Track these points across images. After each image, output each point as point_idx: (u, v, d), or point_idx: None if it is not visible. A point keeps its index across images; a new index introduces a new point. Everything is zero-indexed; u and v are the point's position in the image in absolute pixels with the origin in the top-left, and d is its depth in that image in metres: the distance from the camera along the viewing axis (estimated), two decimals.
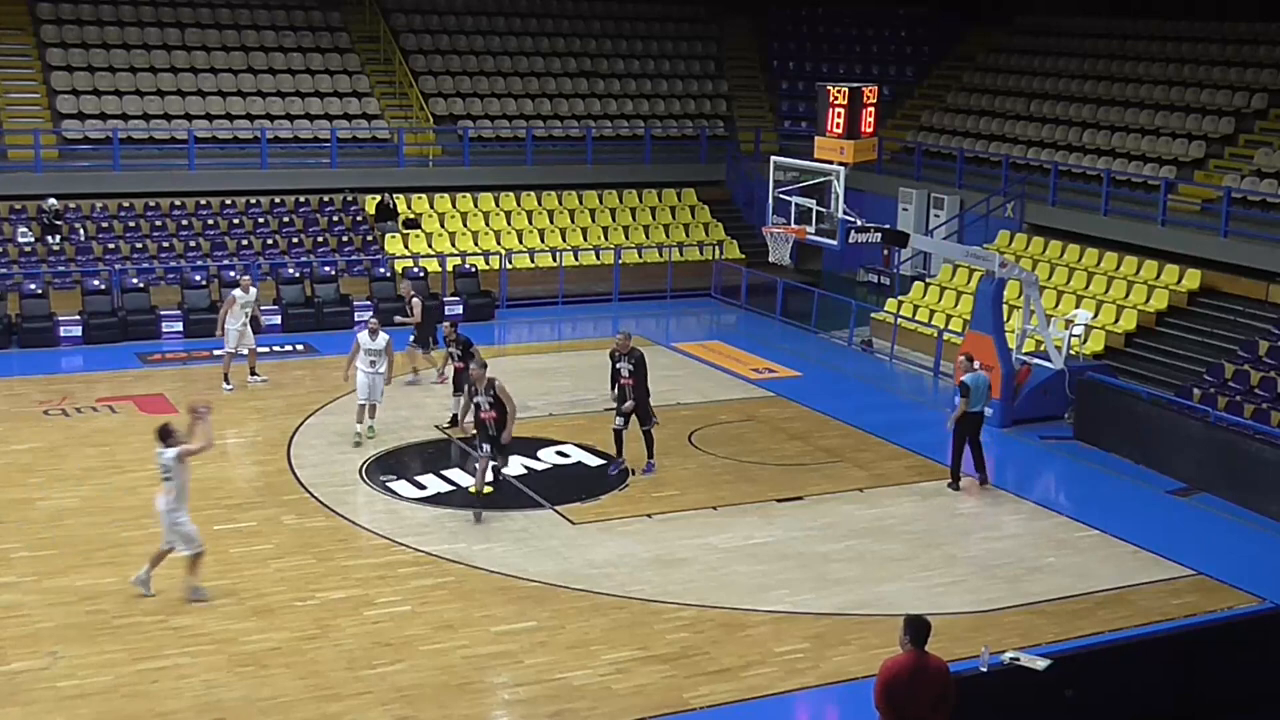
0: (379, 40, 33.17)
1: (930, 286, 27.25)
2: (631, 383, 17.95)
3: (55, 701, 11.88)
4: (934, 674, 9.62)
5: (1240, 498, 17.83)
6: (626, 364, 17.99)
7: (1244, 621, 13.69)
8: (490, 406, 16.49)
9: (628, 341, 18.09)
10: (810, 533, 16.38)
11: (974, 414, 18.13)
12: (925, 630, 9.61)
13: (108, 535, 15.52)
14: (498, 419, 16.48)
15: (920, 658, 9.58)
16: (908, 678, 9.51)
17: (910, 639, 9.58)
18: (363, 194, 29.67)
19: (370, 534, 15.91)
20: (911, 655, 9.58)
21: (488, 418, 16.47)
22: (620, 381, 18.07)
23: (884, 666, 9.62)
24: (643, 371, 18.02)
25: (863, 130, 20.29)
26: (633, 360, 17.96)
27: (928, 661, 9.62)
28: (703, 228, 31.82)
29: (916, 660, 9.57)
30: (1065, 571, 15.51)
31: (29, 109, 29.10)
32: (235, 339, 21.58)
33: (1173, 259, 24.52)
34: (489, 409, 16.49)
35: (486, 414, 16.48)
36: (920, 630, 9.59)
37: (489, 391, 16.50)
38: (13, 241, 26.22)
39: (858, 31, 37.25)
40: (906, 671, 9.53)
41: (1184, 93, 28.74)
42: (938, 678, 9.63)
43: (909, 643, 9.59)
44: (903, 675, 9.52)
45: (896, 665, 9.57)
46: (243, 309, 21.59)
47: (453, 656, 12.92)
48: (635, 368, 17.95)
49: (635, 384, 17.97)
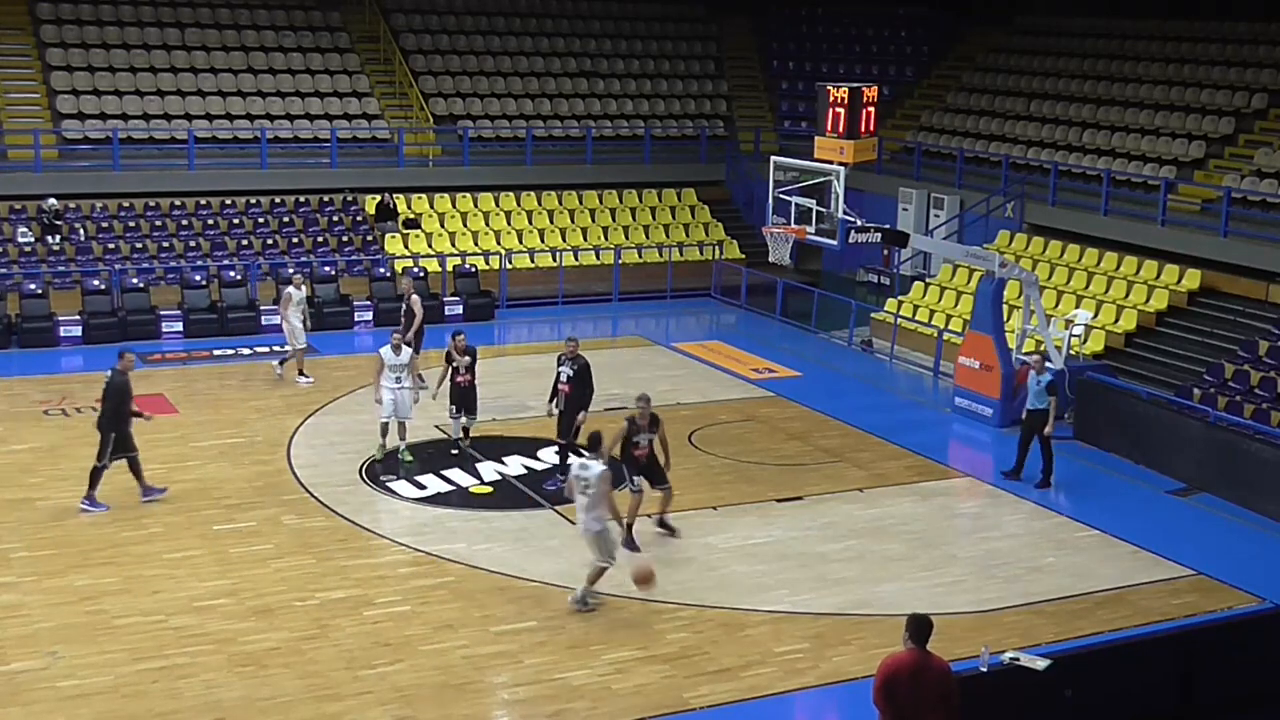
0: (379, 40, 33.17)
1: (930, 286, 27.26)
2: (569, 390, 17.22)
3: (55, 701, 11.88)
4: (936, 674, 9.57)
5: (1240, 498, 17.83)
6: (568, 369, 17.27)
7: (1244, 621, 13.69)
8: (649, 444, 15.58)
9: (575, 347, 17.44)
10: (810, 533, 16.38)
11: (1042, 411, 18.07)
12: (928, 629, 9.57)
13: (108, 535, 15.51)
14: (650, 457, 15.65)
15: (922, 657, 9.54)
16: (908, 676, 9.47)
17: (912, 637, 9.54)
18: (363, 194, 29.67)
19: (370, 534, 15.91)
20: (913, 654, 9.54)
21: (642, 454, 15.52)
22: (559, 386, 17.34)
23: (884, 664, 9.58)
24: (583, 380, 17.25)
25: (863, 130, 20.31)
26: (575, 366, 17.25)
27: (930, 661, 9.57)
28: (703, 228, 31.82)
29: (918, 659, 9.53)
30: (1065, 571, 15.51)
31: (29, 109, 29.10)
32: (302, 336, 21.90)
33: (1173, 259, 24.53)
34: (647, 446, 15.56)
35: (643, 451, 15.52)
36: (922, 629, 9.55)
37: (652, 429, 15.53)
38: (13, 241, 26.22)
39: (857, 31, 37.26)
40: (907, 670, 9.49)
41: (1184, 93, 28.75)
42: (939, 678, 9.58)
43: (910, 641, 9.55)
44: (903, 673, 9.48)
45: (897, 663, 9.53)
46: (298, 306, 21.82)
47: (452, 656, 12.92)
48: (577, 375, 17.22)
49: (572, 392, 17.21)
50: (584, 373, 17.25)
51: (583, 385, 17.24)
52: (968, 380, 21.49)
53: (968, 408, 21.43)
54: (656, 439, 15.64)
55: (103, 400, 16.42)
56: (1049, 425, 18.12)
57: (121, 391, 16.35)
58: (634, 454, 15.51)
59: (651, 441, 15.64)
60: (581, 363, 17.26)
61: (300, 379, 21.87)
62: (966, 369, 21.50)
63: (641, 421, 15.49)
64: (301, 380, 21.83)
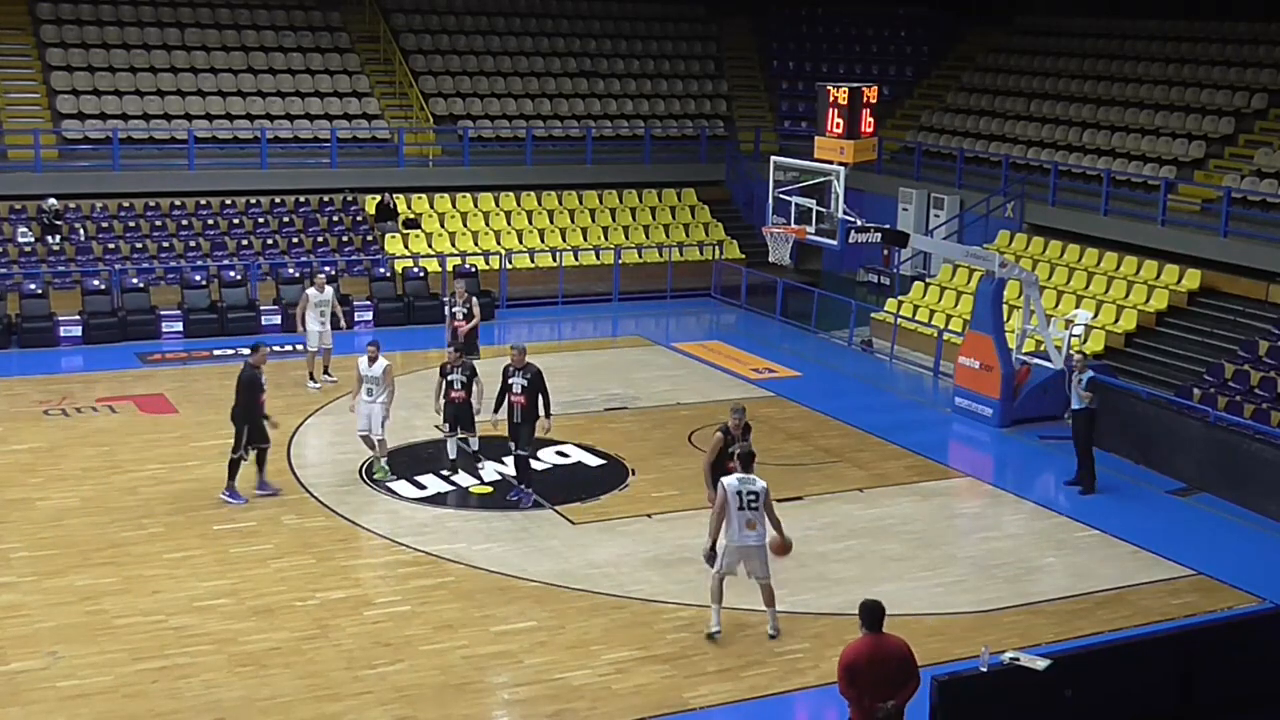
0: (379, 40, 33.17)
1: (930, 286, 27.26)
2: (524, 401, 16.59)
3: (55, 701, 11.88)
4: (893, 653, 9.89)
5: (1240, 498, 17.83)
6: (520, 379, 16.62)
7: (1244, 621, 13.68)
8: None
9: (523, 356, 16.82)
10: (810, 532, 16.36)
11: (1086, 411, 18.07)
12: (879, 613, 9.89)
13: (108, 535, 15.52)
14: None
15: (878, 640, 9.86)
16: (865, 662, 9.77)
17: (865, 624, 9.88)
18: (363, 194, 29.67)
19: (370, 534, 15.91)
20: (869, 639, 9.85)
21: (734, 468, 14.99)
22: (511, 398, 16.65)
23: (843, 653, 9.90)
24: (538, 389, 16.67)
25: (863, 130, 20.31)
26: (528, 375, 16.62)
27: (886, 642, 9.90)
28: (703, 228, 31.82)
29: (874, 643, 9.84)
30: (1065, 571, 15.52)
31: (29, 109, 29.10)
32: (316, 339, 21.73)
33: (1173, 259, 24.52)
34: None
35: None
36: (874, 613, 9.88)
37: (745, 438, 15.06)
38: (13, 241, 26.23)
39: (857, 31, 37.25)
40: (865, 656, 9.79)
41: (1184, 93, 28.75)
42: (897, 656, 9.90)
43: (864, 628, 9.89)
44: (860, 660, 9.78)
45: (854, 650, 9.84)
46: (317, 307, 21.65)
47: (452, 656, 12.92)
48: (530, 384, 16.60)
49: (527, 404, 16.60)
50: (537, 381, 16.64)
51: (536, 394, 16.66)
52: (968, 380, 21.49)
53: (968, 408, 21.43)
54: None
55: (235, 393, 16.70)
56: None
57: (252, 384, 16.61)
58: (728, 466, 14.61)
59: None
60: (533, 371, 16.65)
61: (310, 383, 21.79)
62: (966, 369, 21.50)
63: (736, 432, 14.98)
64: (311, 385, 21.74)
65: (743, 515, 13.11)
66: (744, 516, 13.12)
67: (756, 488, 13.17)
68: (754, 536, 13.15)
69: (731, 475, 13.31)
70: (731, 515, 13.11)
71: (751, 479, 13.24)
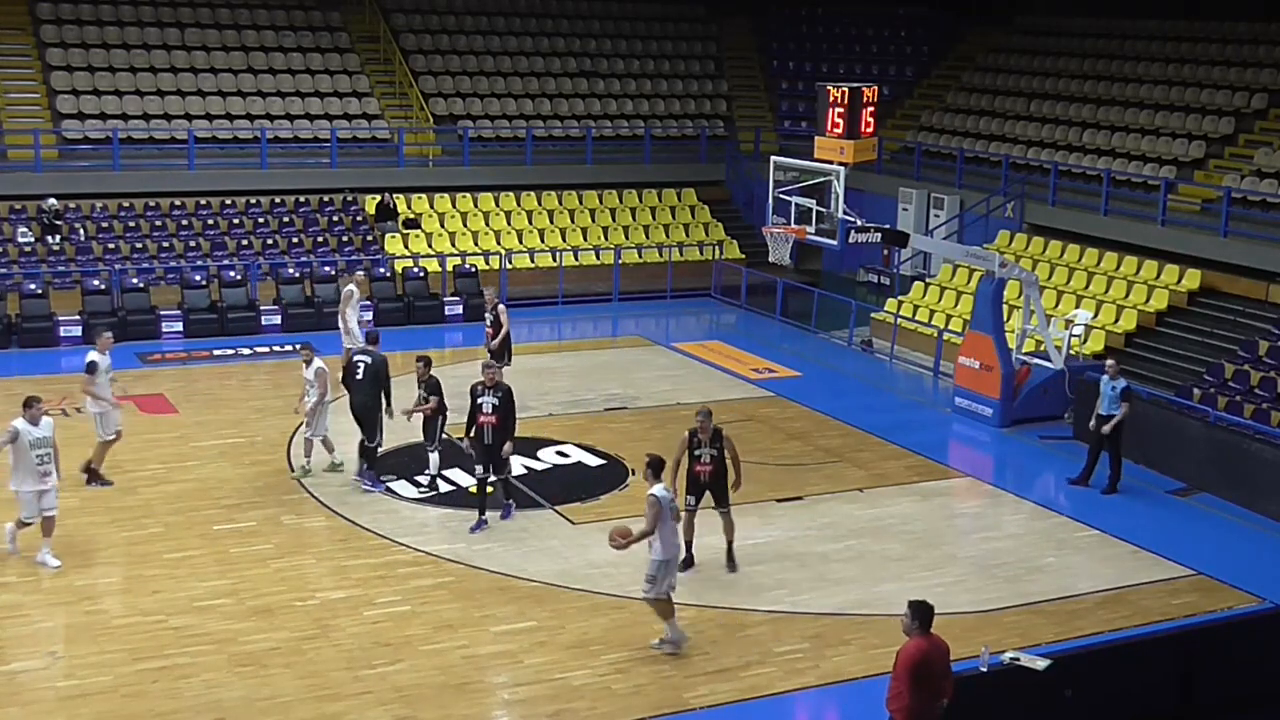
0: (379, 40, 33.17)
1: (930, 286, 27.26)
2: (496, 421, 15.87)
3: (55, 701, 11.89)
4: (942, 653, 10.13)
5: (1240, 498, 17.83)
6: (491, 399, 15.90)
7: (1244, 621, 13.69)
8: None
9: (494, 374, 16.24)
10: (810, 532, 16.38)
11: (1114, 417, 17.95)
12: (930, 613, 10.08)
13: (108, 535, 15.51)
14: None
15: (930, 639, 10.04)
16: (924, 659, 9.93)
17: (919, 624, 10.01)
18: (363, 194, 29.66)
19: (370, 534, 15.91)
20: (923, 639, 10.01)
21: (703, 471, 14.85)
22: (481, 418, 15.90)
23: (905, 652, 9.97)
24: (507, 409, 16.01)
25: (863, 130, 20.31)
26: (499, 395, 15.93)
27: (936, 642, 10.10)
28: (703, 228, 31.82)
29: (928, 643, 10.02)
30: (1065, 571, 15.52)
31: (29, 109, 29.09)
32: (358, 334, 21.52)
33: (1173, 259, 24.53)
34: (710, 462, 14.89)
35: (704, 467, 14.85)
36: (927, 614, 10.06)
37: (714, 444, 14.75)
38: (13, 241, 26.22)
39: (857, 31, 37.26)
40: (923, 654, 9.94)
41: (1184, 93, 28.75)
42: (945, 656, 10.14)
43: (918, 628, 10.02)
44: (922, 658, 9.92)
45: (917, 649, 9.97)
46: (357, 304, 21.76)
47: (452, 656, 12.92)
48: (501, 404, 15.91)
49: (499, 423, 15.89)
50: (507, 400, 16.00)
51: (507, 414, 16.01)
52: (968, 380, 21.48)
53: (968, 408, 21.43)
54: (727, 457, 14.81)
55: (360, 383, 17.03)
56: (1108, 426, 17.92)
57: (378, 374, 17.11)
58: (694, 470, 14.77)
59: (715, 458, 14.74)
60: (504, 390, 16.03)
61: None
62: (966, 369, 21.49)
63: (703, 435, 14.71)
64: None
65: (676, 525, 13.21)
66: (676, 526, 13.24)
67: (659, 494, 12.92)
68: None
69: (658, 487, 12.96)
70: (667, 527, 12.92)
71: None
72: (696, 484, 14.84)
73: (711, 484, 14.86)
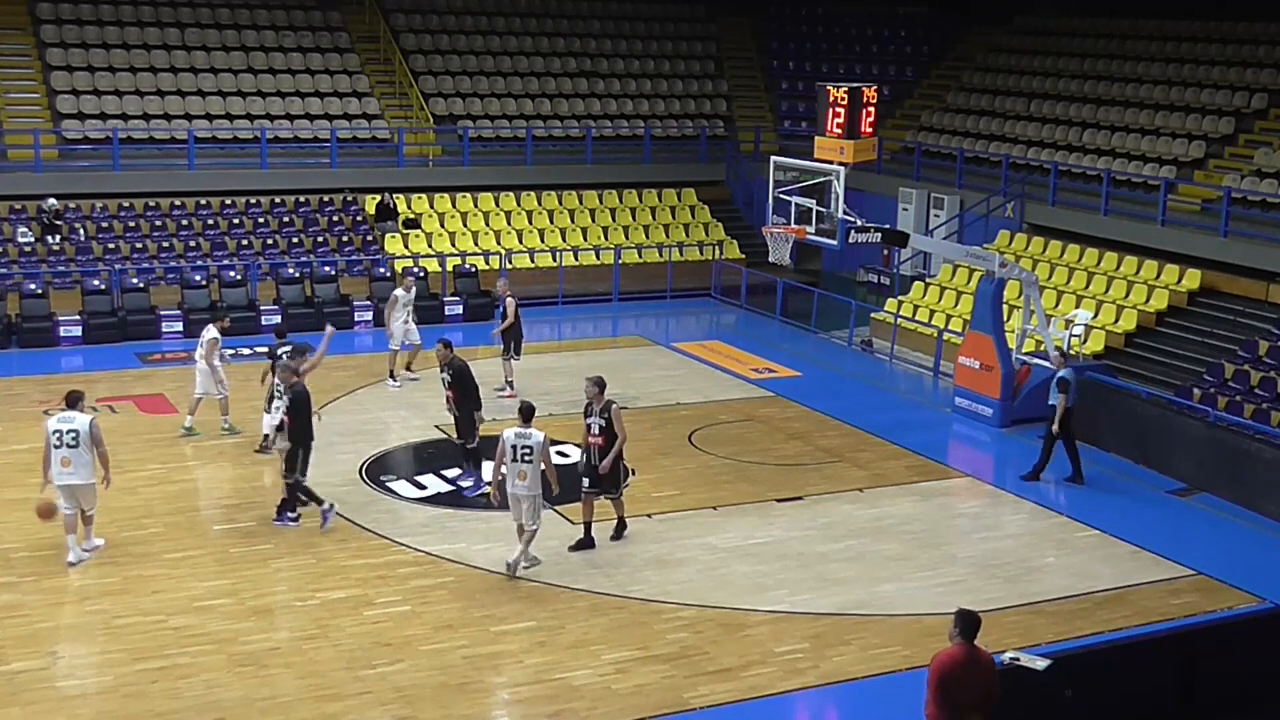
0: (379, 40, 33.17)
1: (930, 286, 27.26)
2: (454, 395, 16.95)
3: (55, 701, 11.88)
4: (984, 667, 9.82)
5: (1240, 498, 17.83)
6: (445, 375, 16.95)
7: (1244, 621, 13.69)
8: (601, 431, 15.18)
9: (447, 351, 17.05)
10: (810, 532, 16.37)
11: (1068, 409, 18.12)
12: (976, 624, 9.80)
13: (108, 535, 15.49)
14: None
15: (971, 651, 9.75)
16: (959, 670, 9.65)
17: (960, 632, 9.75)
18: (363, 194, 29.67)
19: (370, 534, 15.91)
20: (963, 648, 9.74)
21: (595, 442, 15.23)
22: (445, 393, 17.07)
23: (938, 660, 9.74)
24: (463, 383, 16.88)
25: (863, 130, 20.30)
26: (452, 370, 16.90)
27: (978, 655, 9.81)
28: (703, 228, 31.83)
29: (968, 653, 9.74)
30: (1065, 571, 15.51)
31: (29, 109, 29.10)
32: (400, 336, 21.94)
33: (1173, 259, 24.53)
34: (599, 433, 15.18)
35: (595, 439, 15.22)
36: (972, 623, 9.78)
37: (603, 414, 15.19)
38: (13, 241, 26.23)
39: (858, 31, 37.27)
40: (959, 664, 9.67)
41: (1184, 93, 28.75)
42: (987, 671, 9.83)
43: (960, 636, 9.75)
44: (955, 668, 9.66)
45: (950, 658, 9.71)
46: (404, 307, 21.95)
47: (452, 656, 12.92)
48: (455, 379, 16.88)
49: (456, 397, 16.95)
50: (461, 374, 16.87)
51: (464, 386, 16.89)
52: (968, 380, 21.49)
53: (968, 408, 21.43)
54: (616, 433, 15.10)
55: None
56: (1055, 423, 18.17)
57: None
58: (586, 440, 15.35)
59: (603, 430, 15.10)
60: (457, 365, 16.95)
61: (390, 381, 21.90)
62: (966, 369, 21.50)
63: (594, 405, 15.19)
64: (391, 383, 21.87)
65: (515, 467, 14.35)
66: (516, 468, 14.36)
67: (530, 441, 14.31)
68: (523, 486, 14.40)
69: (510, 430, 14.43)
70: (507, 465, 14.40)
71: (527, 432, 14.39)
72: (588, 456, 15.39)
73: (602, 459, 15.20)
